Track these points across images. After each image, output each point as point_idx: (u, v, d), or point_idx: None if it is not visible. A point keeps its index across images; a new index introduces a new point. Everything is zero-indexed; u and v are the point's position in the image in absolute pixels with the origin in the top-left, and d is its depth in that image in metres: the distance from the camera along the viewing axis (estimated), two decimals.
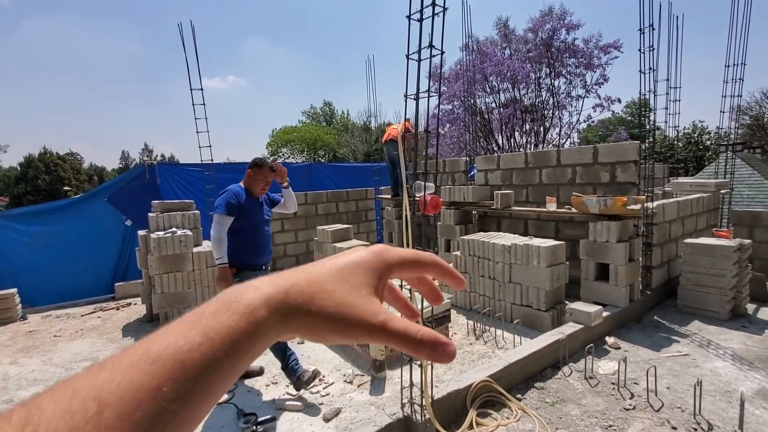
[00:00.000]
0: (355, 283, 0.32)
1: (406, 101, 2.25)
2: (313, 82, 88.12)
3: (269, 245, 3.18)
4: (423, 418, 2.25)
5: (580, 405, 2.72)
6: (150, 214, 4.67)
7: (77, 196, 7.03)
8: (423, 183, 2.12)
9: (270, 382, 3.20)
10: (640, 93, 4.39)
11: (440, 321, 3.48)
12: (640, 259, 4.30)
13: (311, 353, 3.69)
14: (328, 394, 2.98)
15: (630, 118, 27.87)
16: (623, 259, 3.94)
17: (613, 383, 2.94)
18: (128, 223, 6.06)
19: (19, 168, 30.53)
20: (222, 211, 2.96)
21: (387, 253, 0.36)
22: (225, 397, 2.99)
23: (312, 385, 3.09)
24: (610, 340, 3.60)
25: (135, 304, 5.37)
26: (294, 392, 3.01)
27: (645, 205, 4.26)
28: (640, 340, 3.67)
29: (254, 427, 2.55)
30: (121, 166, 42.64)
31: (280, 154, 36.43)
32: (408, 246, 2.27)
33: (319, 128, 38.16)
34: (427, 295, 0.43)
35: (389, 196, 7.45)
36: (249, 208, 3.07)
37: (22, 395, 3.17)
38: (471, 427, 2.46)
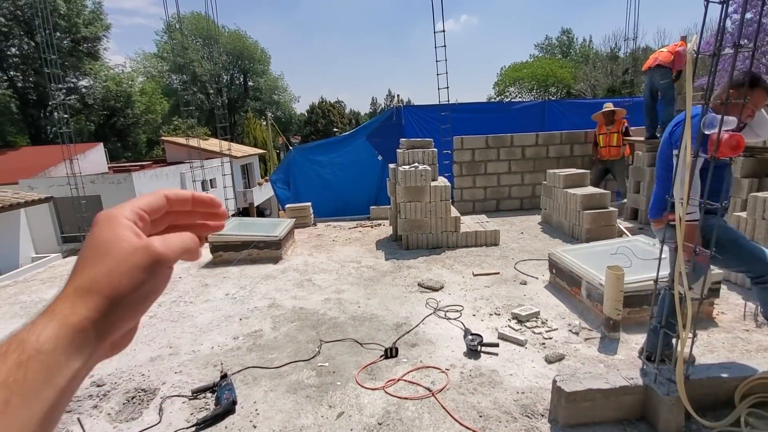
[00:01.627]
0: (110, 246, 0.32)
1: (707, 6, 1.74)
2: (552, 6, 77.65)
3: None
4: (670, 394, 1.99)
5: None
6: (398, 150, 5.40)
7: (345, 133, 8.76)
8: (719, 116, 1.67)
9: (493, 313, 3.42)
10: None
11: (707, 293, 2.85)
12: None
13: (534, 295, 3.70)
14: (550, 338, 2.98)
15: None
16: None
17: None
18: (380, 157, 7.23)
19: (305, 114, 39.95)
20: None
21: (136, 201, 0.36)
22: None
23: (534, 325, 3.14)
24: None
25: (384, 225, 6.53)
26: (516, 326, 3.13)
27: None
28: None
29: (479, 347, 2.83)
30: (370, 110, 49.90)
31: (507, 93, 34.77)
32: (681, 199, 1.89)
33: (553, 61, 34.08)
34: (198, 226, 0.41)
35: (641, 138, 6.18)
36: None
37: (316, 277, 4.45)
38: (737, 424, 2.03)
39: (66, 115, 7.01)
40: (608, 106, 6.32)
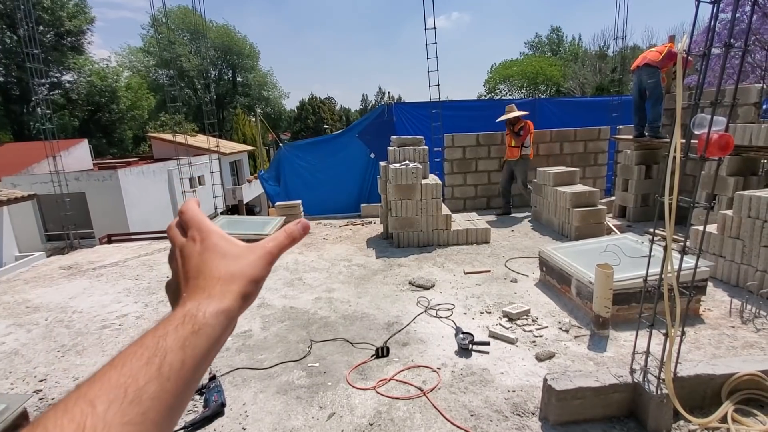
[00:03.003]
0: (235, 250, 0.43)
1: (698, 5, 1.75)
2: (542, 4, 78.14)
3: None
4: (659, 392, 2.01)
5: None
6: (389, 148, 5.37)
7: (338, 131, 8.72)
8: (709, 117, 1.67)
9: (484, 311, 3.42)
10: None
11: (695, 291, 2.88)
12: None
13: (524, 293, 3.71)
14: (541, 336, 2.99)
15: None
16: None
17: None
18: (372, 155, 7.20)
19: (296, 110, 39.65)
20: None
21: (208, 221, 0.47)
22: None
23: (524, 323, 3.15)
24: None
25: (375, 222, 6.51)
26: (507, 325, 3.14)
27: None
28: None
29: (470, 345, 2.83)
30: (361, 107, 49.73)
31: (498, 91, 34.93)
32: (670, 197, 1.90)
33: (543, 59, 34.31)
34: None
35: (630, 137, 6.24)
36: None
37: (306, 276, 4.41)
38: (724, 421, 2.06)
39: (49, 111, 6.82)
40: (510, 109, 6.25)
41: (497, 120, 6.45)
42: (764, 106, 5.54)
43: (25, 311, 4.01)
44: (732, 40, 1.69)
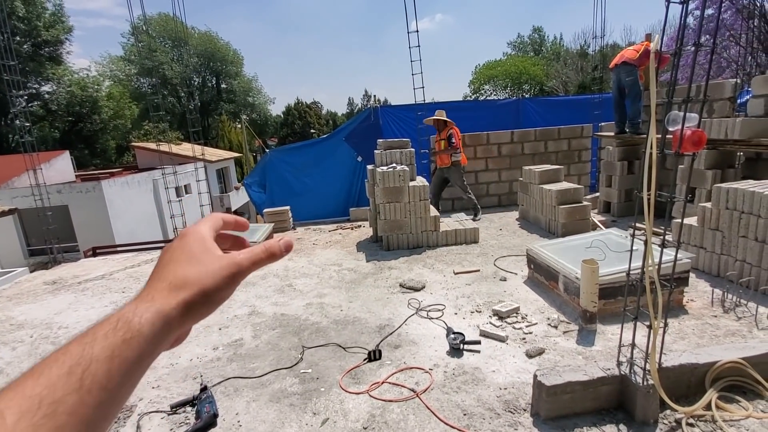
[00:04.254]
0: (201, 256, 0.39)
1: (668, 6, 1.80)
2: (524, 4, 79.30)
3: None
4: (645, 383, 2.05)
5: None
6: (376, 151, 5.40)
7: (324, 136, 8.71)
8: (682, 113, 1.73)
9: (474, 310, 3.46)
10: None
11: (676, 282, 2.96)
12: None
13: (514, 291, 3.76)
14: (531, 333, 3.03)
15: None
16: None
17: None
18: (359, 158, 7.21)
19: (282, 115, 39.48)
20: None
21: (211, 221, 0.45)
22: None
23: (514, 321, 3.19)
24: None
25: (364, 226, 6.51)
26: (497, 323, 3.18)
27: None
28: None
29: (462, 345, 2.86)
30: (347, 111, 49.72)
31: (482, 91, 35.28)
32: (648, 191, 1.95)
33: (526, 59, 34.78)
34: (233, 246, 0.49)
35: (611, 134, 6.37)
36: None
37: (297, 282, 4.40)
38: (709, 408, 2.11)
39: (28, 123, 6.69)
40: (440, 114, 6.13)
41: (423, 121, 6.41)
42: (738, 101, 5.72)
43: (8, 329, 3.92)
44: (708, 36, 1.75)
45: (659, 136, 1.96)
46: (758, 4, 10.83)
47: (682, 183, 4.76)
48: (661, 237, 2.03)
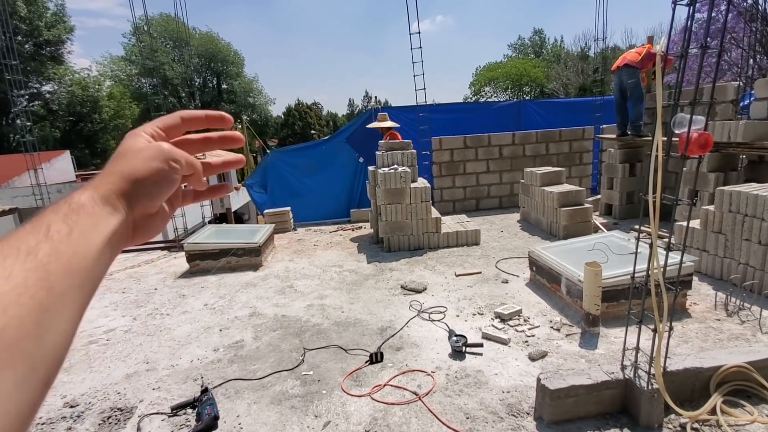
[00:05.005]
0: (132, 151, 0.41)
1: (674, 7, 1.79)
2: (524, 6, 79.44)
3: None
4: (649, 387, 2.04)
5: None
6: (377, 153, 5.38)
7: (325, 137, 8.70)
8: (688, 116, 1.72)
9: (476, 312, 3.44)
10: None
11: (681, 285, 2.94)
12: None
13: (516, 294, 3.74)
14: (533, 336, 3.02)
15: None
16: None
17: None
18: (360, 159, 7.20)
19: (282, 116, 39.49)
20: None
21: (159, 120, 0.46)
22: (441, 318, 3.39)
23: (516, 323, 3.17)
24: None
25: (365, 227, 6.50)
26: (499, 325, 3.16)
27: None
28: None
29: (464, 347, 2.84)
30: (348, 112, 49.74)
31: (483, 93, 35.29)
32: (653, 195, 1.94)
33: (526, 61, 34.80)
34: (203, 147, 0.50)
35: (613, 136, 6.36)
36: None
37: (298, 283, 4.38)
38: (713, 412, 2.10)
39: (29, 123, 6.68)
40: (382, 118, 6.22)
41: (367, 126, 6.50)
42: (741, 103, 5.71)
43: None
44: (708, 39, 1.74)
45: (665, 138, 1.94)
46: (760, 8, 10.84)
47: (686, 186, 4.75)
48: (666, 240, 2.02)
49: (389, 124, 6.18)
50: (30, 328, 0.27)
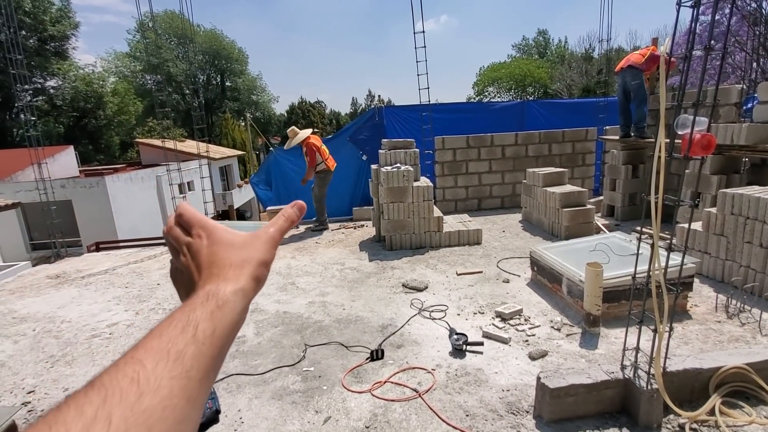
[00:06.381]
0: (243, 241, 0.46)
1: (679, 9, 1.80)
2: (528, 7, 79.29)
3: None
4: (649, 387, 2.05)
5: None
6: (380, 151, 5.40)
7: (328, 136, 8.71)
8: (692, 117, 1.72)
9: (477, 311, 3.45)
10: None
11: (682, 287, 2.95)
12: None
13: (517, 293, 3.75)
14: (533, 335, 3.03)
15: None
16: None
17: None
18: (364, 157, 7.22)
19: (285, 114, 39.59)
20: None
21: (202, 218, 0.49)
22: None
23: (517, 323, 3.18)
24: None
25: (367, 226, 6.51)
26: (500, 325, 3.17)
27: None
28: None
29: (464, 346, 2.85)
30: (351, 111, 49.73)
31: (486, 93, 35.24)
32: (656, 196, 1.95)
33: (530, 62, 34.75)
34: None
35: (616, 137, 6.36)
36: None
37: (299, 280, 4.40)
38: (712, 413, 2.11)
39: (33, 118, 6.71)
40: (292, 133, 6.35)
41: (285, 147, 6.64)
42: (746, 106, 5.70)
43: (11, 322, 3.93)
44: (713, 41, 1.75)
45: (668, 140, 1.95)
46: (764, 11, 10.80)
47: (688, 187, 4.74)
48: (668, 241, 2.03)
49: (301, 136, 6.22)
50: None
